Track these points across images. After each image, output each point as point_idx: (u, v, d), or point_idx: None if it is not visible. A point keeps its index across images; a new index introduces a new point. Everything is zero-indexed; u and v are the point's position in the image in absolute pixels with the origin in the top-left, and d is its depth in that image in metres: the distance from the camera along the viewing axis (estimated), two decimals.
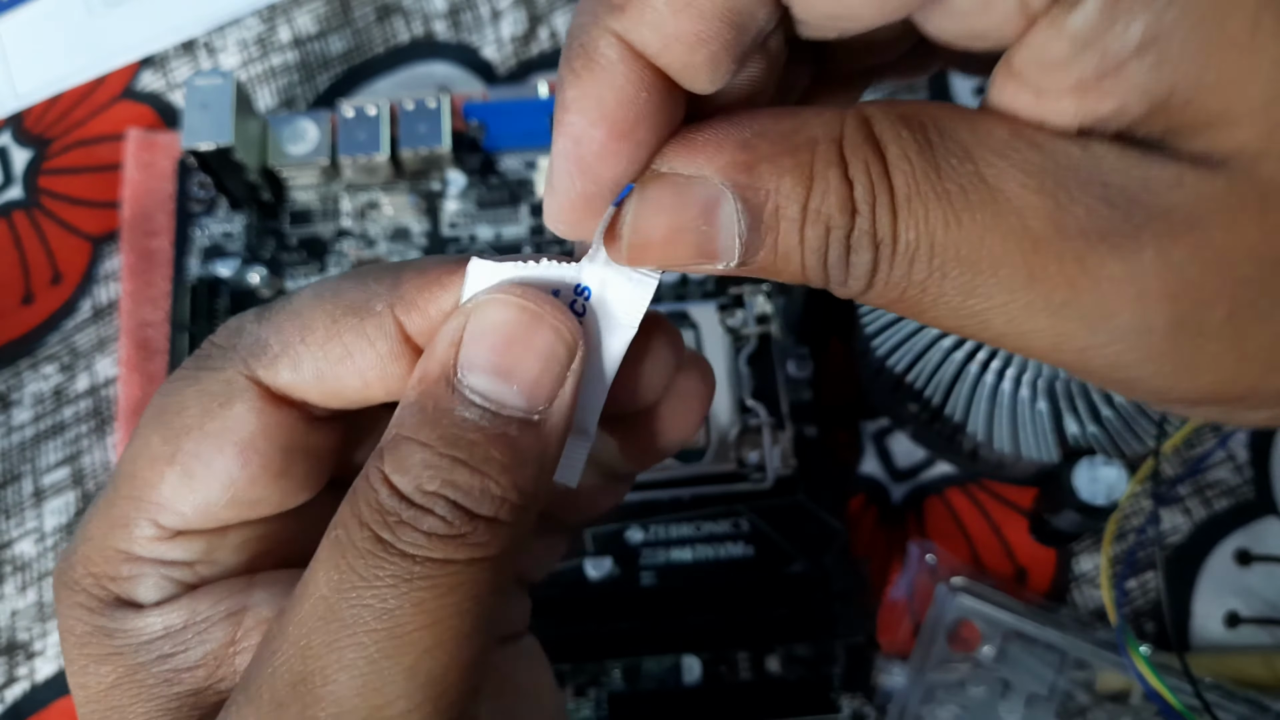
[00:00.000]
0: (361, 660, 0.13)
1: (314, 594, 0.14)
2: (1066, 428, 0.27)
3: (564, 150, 0.14)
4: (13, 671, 0.30)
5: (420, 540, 0.14)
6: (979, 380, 0.28)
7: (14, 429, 0.33)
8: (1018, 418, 0.28)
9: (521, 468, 0.14)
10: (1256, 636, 0.30)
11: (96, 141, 0.36)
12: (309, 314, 0.15)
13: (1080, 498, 0.26)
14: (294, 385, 0.15)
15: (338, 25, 0.37)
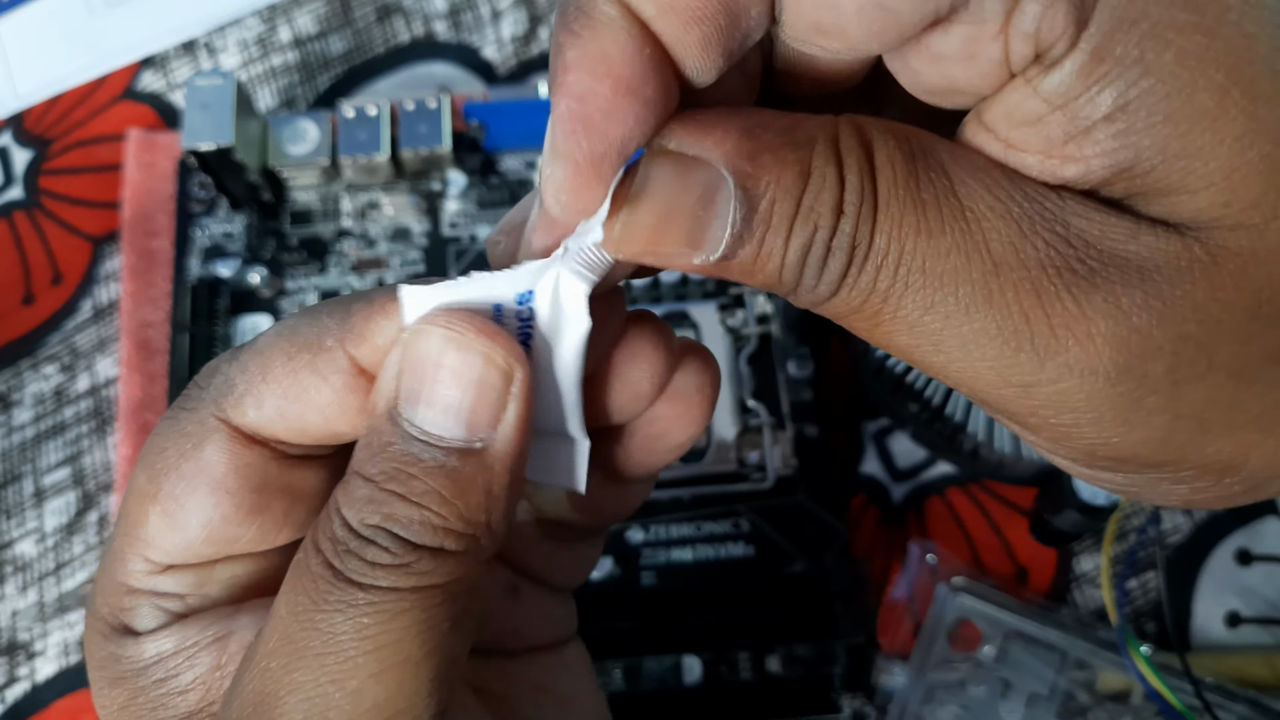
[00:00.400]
0: (309, 683, 0.14)
1: (275, 616, 0.14)
2: None
3: (567, 111, 0.13)
4: (13, 671, 0.30)
5: (364, 569, 0.14)
6: None
7: (14, 429, 0.33)
8: None
9: (466, 496, 0.14)
10: (1257, 636, 0.30)
11: (97, 142, 0.36)
12: (269, 352, 0.15)
13: (1080, 497, 0.26)
14: (260, 424, 0.15)
15: (338, 25, 0.37)
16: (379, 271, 0.33)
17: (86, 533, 0.32)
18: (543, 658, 0.19)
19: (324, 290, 0.33)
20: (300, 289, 0.33)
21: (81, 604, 0.31)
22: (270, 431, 0.15)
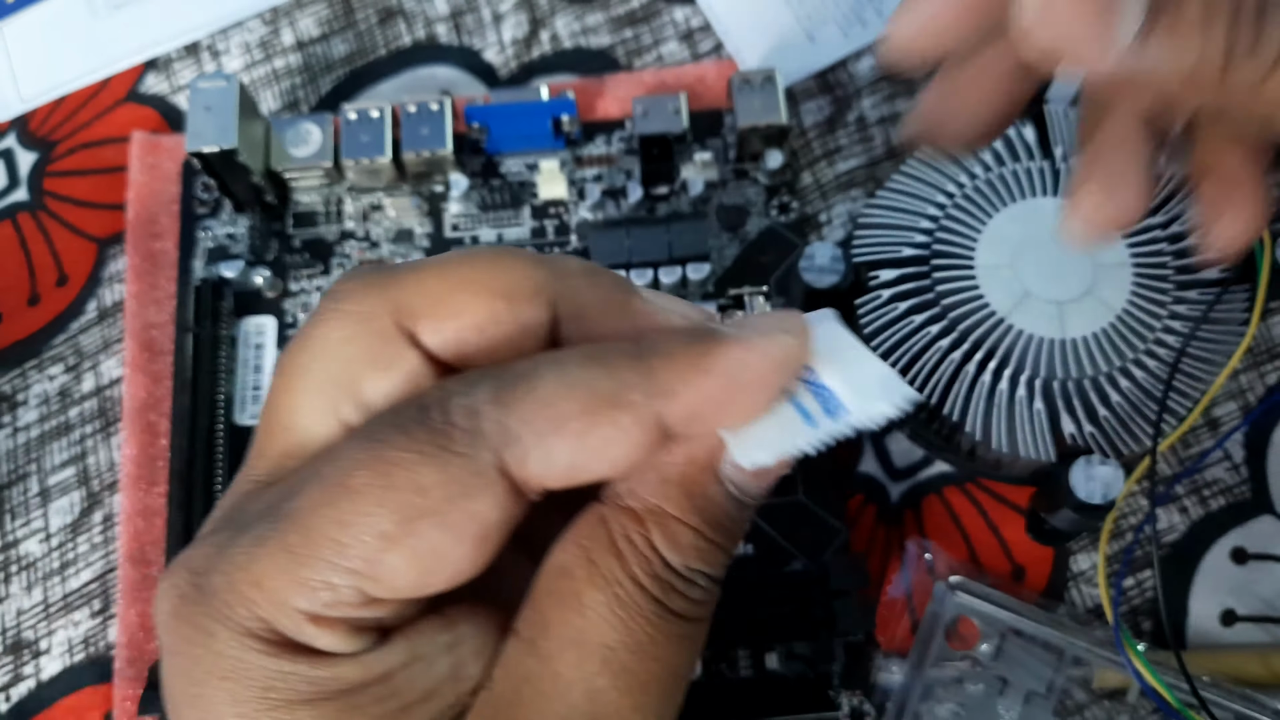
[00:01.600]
0: (651, 712, 0.16)
1: (594, 642, 0.15)
2: (1064, 427, 0.27)
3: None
4: (18, 670, 0.31)
5: (689, 606, 0.16)
6: (976, 380, 0.27)
7: (20, 429, 0.33)
8: (1015, 417, 0.27)
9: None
10: (1252, 634, 0.30)
11: (101, 144, 0.36)
12: (561, 404, 0.15)
13: (1077, 496, 0.26)
14: (542, 477, 0.15)
15: (340, 28, 0.38)
16: None
17: (91, 532, 0.32)
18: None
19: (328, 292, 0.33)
20: (304, 290, 0.33)
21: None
22: (545, 483, 0.15)
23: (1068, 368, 0.28)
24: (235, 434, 0.32)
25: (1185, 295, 0.28)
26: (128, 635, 0.30)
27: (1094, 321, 0.28)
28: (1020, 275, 0.28)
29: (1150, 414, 0.27)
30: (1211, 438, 0.31)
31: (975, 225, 0.29)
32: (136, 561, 0.31)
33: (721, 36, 0.36)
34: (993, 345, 0.28)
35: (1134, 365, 0.28)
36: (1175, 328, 0.28)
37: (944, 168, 0.30)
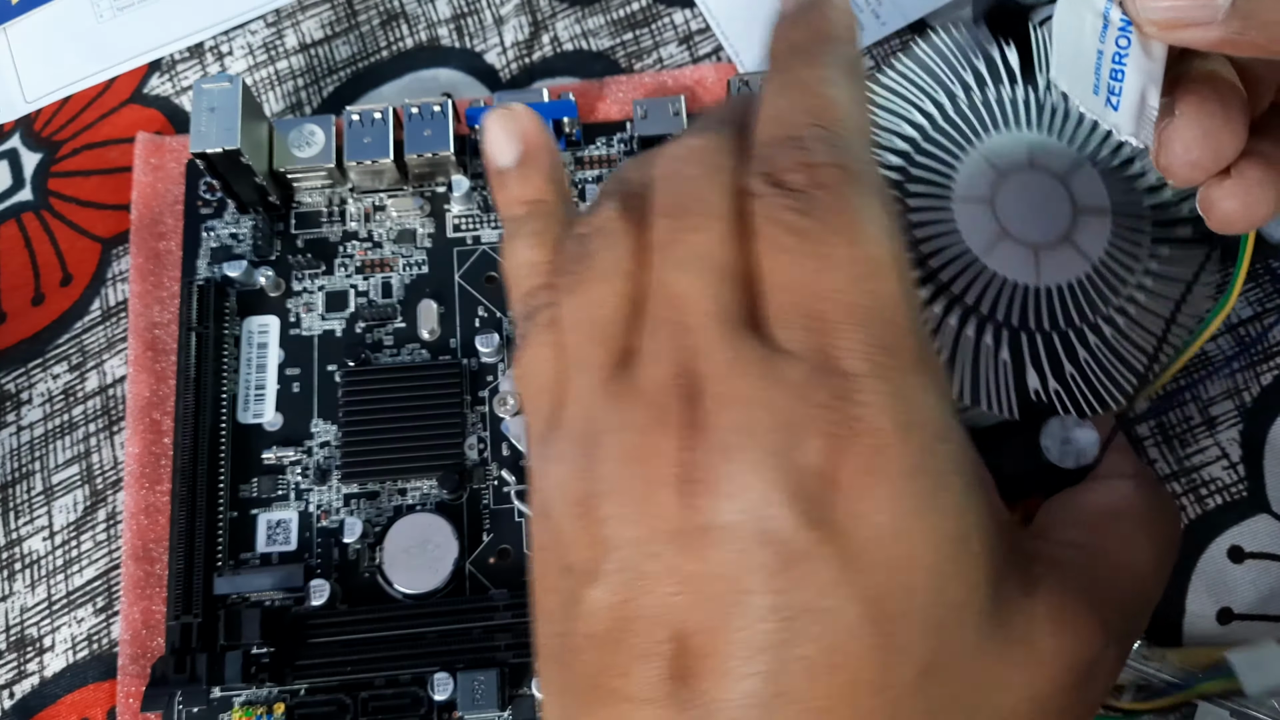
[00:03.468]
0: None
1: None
2: (1029, 382, 0.26)
3: None
4: (23, 666, 0.31)
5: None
6: (943, 322, 0.26)
7: (24, 428, 0.33)
8: (980, 366, 0.26)
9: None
10: (1249, 632, 0.30)
11: (105, 145, 0.36)
12: None
13: (1048, 458, 0.25)
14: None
15: (343, 31, 0.38)
16: (385, 273, 0.34)
17: (95, 529, 0.32)
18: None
19: (330, 291, 0.33)
20: (307, 290, 0.33)
21: None
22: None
23: (1040, 318, 0.26)
24: (238, 432, 0.32)
25: (1159, 251, 0.27)
26: (131, 632, 0.30)
27: (1069, 270, 0.27)
28: (999, 213, 0.27)
29: (1118, 374, 0.26)
30: (1209, 437, 0.32)
31: (955, 153, 0.27)
32: (140, 559, 0.31)
33: (721, 39, 0.37)
34: (964, 286, 0.26)
35: (1104, 322, 0.26)
36: (1149, 285, 0.27)
37: (925, 82, 0.28)
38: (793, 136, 0.18)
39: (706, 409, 0.17)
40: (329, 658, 0.29)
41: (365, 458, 0.31)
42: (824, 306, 0.17)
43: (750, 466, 0.16)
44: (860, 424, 0.16)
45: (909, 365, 0.17)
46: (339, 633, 0.29)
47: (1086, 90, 0.20)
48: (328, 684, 0.29)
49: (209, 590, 0.30)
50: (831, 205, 0.17)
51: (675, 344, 0.18)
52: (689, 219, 0.18)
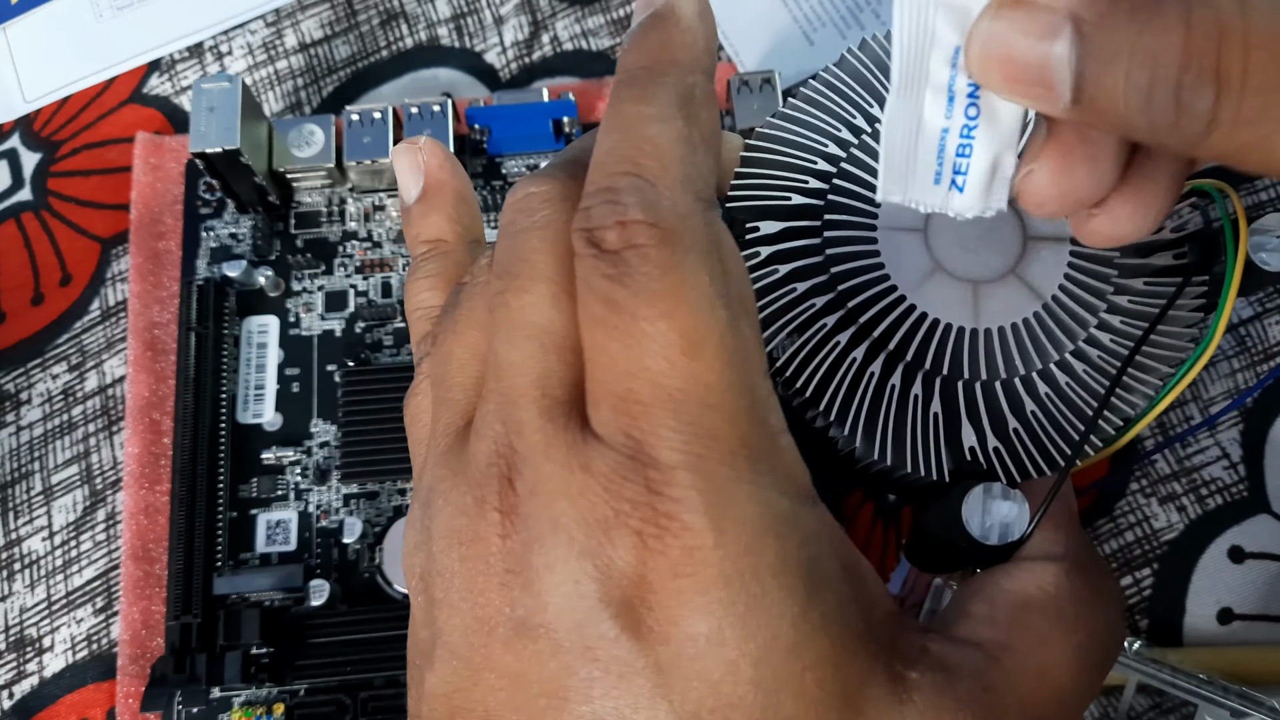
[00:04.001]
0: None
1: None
2: (963, 439, 0.22)
3: None
4: (22, 666, 0.31)
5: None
6: (864, 369, 0.22)
7: (24, 428, 0.33)
8: (906, 421, 0.22)
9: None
10: (1249, 633, 0.30)
11: (105, 144, 0.36)
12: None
13: (969, 530, 0.21)
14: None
15: (343, 30, 0.38)
16: (384, 273, 0.33)
17: (94, 530, 0.32)
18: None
19: (330, 291, 0.33)
20: (306, 290, 0.33)
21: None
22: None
23: (977, 365, 0.22)
24: (238, 432, 0.32)
25: (1129, 284, 0.23)
26: (130, 632, 0.30)
27: (1015, 309, 0.23)
28: (932, 243, 0.23)
29: (1071, 431, 0.22)
30: (1209, 434, 0.32)
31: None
32: (139, 559, 0.31)
33: (720, 39, 0.37)
34: (888, 329, 0.22)
35: (1057, 368, 0.22)
36: (1113, 324, 0.23)
37: (855, 92, 0.24)
38: (609, 188, 0.17)
39: (519, 495, 0.16)
40: (329, 658, 0.29)
41: (365, 458, 0.31)
42: (636, 388, 0.16)
43: (560, 563, 0.15)
44: (672, 522, 0.15)
45: (730, 455, 0.15)
46: (339, 633, 0.29)
47: (925, 185, 0.18)
48: (327, 684, 0.29)
49: (208, 590, 0.30)
50: (646, 271, 0.16)
51: (500, 418, 0.17)
52: (515, 281, 0.17)
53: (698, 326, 0.16)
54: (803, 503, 0.16)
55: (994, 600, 0.19)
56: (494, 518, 0.16)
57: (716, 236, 0.17)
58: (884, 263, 0.23)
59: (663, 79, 0.18)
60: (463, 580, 0.17)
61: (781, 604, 0.15)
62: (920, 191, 0.18)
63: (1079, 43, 0.15)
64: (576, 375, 0.17)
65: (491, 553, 0.16)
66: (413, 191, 0.23)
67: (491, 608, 0.16)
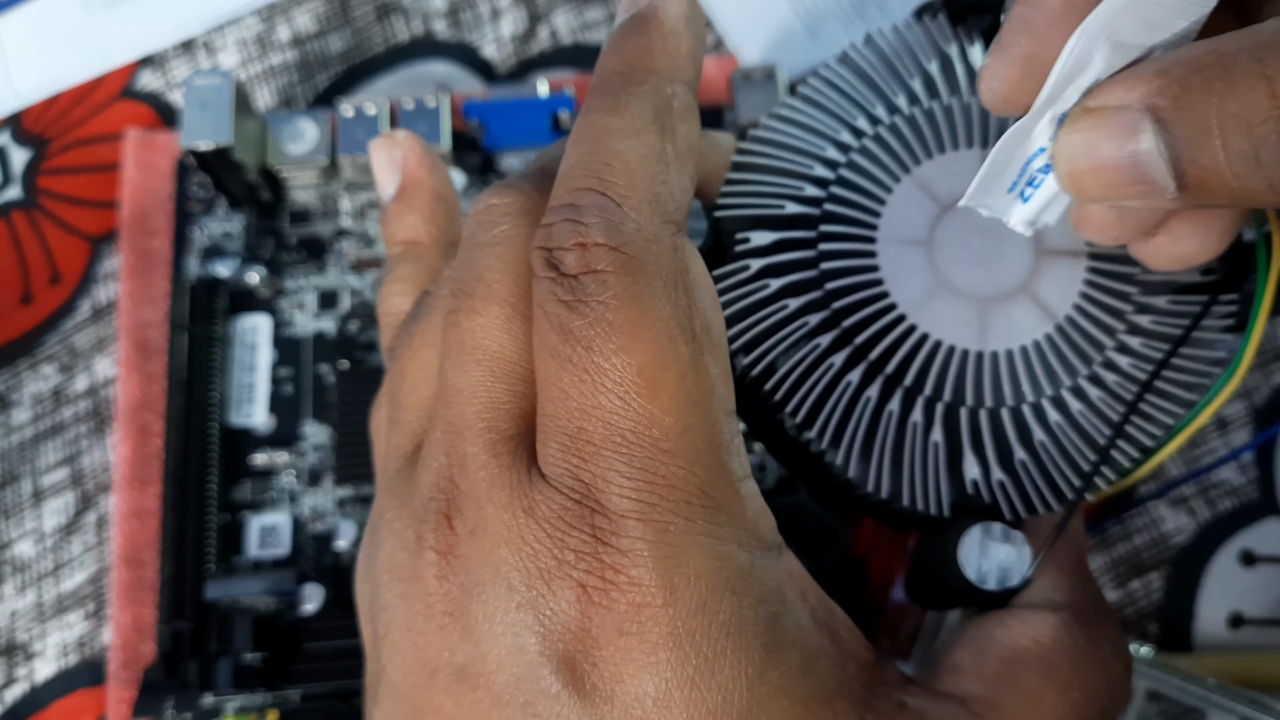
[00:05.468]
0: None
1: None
2: (965, 470, 0.20)
3: (1021, 15, 0.16)
4: (12, 672, 0.30)
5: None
6: (860, 394, 0.21)
7: (13, 429, 0.33)
8: (905, 449, 0.20)
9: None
10: (1260, 637, 0.29)
11: (95, 141, 0.36)
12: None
13: (964, 574, 0.20)
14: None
15: (337, 24, 0.37)
16: (378, 271, 0.33)
17: (85, 533, 0.32)
18: None
19: (323, 290, 0.33)
20: (299, 288, 0.33)
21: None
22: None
23: (982, 391, 0.21)
24: (229, 435, 0.31)
25: (1152, 303, 0.21)
26: (122, 638, 0.30)
27: (1025, 330, 0.21)
28: (937, 258, 0.21)
29: (1083, 464, 0.20)
30: (1220, 439, 0.31)
31: (884, 182, 0.22)
32: (130, 563, 0.30)
33: (721, 32, 0.36)
34: (886, 350, 0.21)
35: (1071, 394, 0.21)
36: (1133, 346, 0.21)
37: (857, 92, 0.22)
38: (572, 204, 0.16)
39: (458, 535, 0.15)
40: (322, 663, 0.29)
41: (360, 460, 0.30)
42: (588, 427, 0.15)
43: (499, 614, 0.15)
44: (618, 576, 0.14)
45: (686, 505, 0.14)
46: (332, 638, 0.29)
47: (1001, 191, 0.18)
48: (321, 690, 0.29)
49: (200, 595, 0.29)
50: (604, 300, 0.15)
51: (444, 449, 0.16)
52: (468, 301, 0.16)
53: (656, 363, 0.15)
54: (765, 554, 0.16)
55: (983, 651, 0.18)
56: (431, 557, 0.15)
57: (683, 263, 0.16)
58: (883, 279, 0.21)
59: (638, 88, 0.17)
60: (403, 619, 0.16)
61: (735, 666, 0.14)
62: (995, 198, 0.18)
63: (1164, 131, 0.14)
64: (527, 406, 0.16)
65: (430, 593, 0.15)
66: (389, 189, 0.22)
67: (431, 649, 0.15)
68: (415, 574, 0.16)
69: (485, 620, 0.15)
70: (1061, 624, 0.18)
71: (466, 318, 0.16)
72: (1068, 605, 0.19)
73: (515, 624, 0.14)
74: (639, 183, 0.16)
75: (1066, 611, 0.18)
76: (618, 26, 0.18)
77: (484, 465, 0.15)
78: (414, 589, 0.16)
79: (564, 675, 0.14)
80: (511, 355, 0.16)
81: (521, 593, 0.14)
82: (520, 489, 0.15)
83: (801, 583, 0.16)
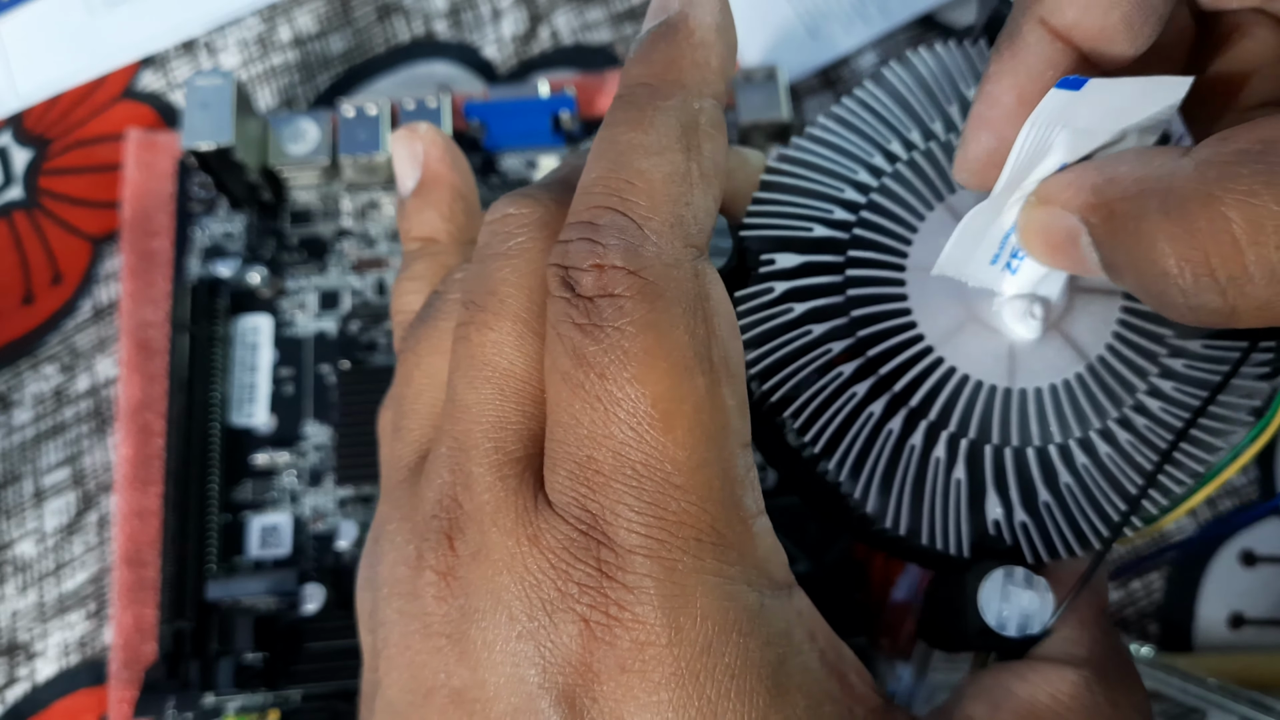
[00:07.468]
0: None
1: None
2: (988, 510, 0.20)
3: (980, 112, 0.17)
4: (13, 672, 0.30)
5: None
6: (882, 426, 0.20)
7: (14, 429, 0.33)
8: (925, 486, 0.20)
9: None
10: (1260, 637, 0.29)
11: (97, 141, 0.36)
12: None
13: (983, 619, 0.19)
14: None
15: (338, 25, 0.37)
16: (379, 271, 0.33)
17: (87, 533, 0.32)
18: None
19: (324, 290, 0.33)
20: (300, 289, 0.33)
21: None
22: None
23: (1008, 429, 0.20)
24: (230, 434, 0.31)
25: (1186, 346, 0.20)
26: (123, 637, 0.30)
27: (1055, 369, 0.20)
28: (967, 290, 0.20)
29: (1109, 509, 0.20)
30: (1222, 439, 0.31)
31: (917, 208, 0.21)
32: (132, 563, 0.30)
33: None
34: (911, 383, 0.20)
35: (1099, 436, 0.20)
36: (1164, 390, 0.20)
37: (892, 115, 0.22)
38: (590, 223, 0.15)
39: (459, 557, 0.15)
40: (323, 663, 0.29)
41: (361, 460, 0.30)
42: (598, 456, 0.14)
43: (500, 642, 0.14)
44: (623, 613, 0.14)
45: (695, 542, 0.14)
46: (333, 638, 0.29)
47: (981, 264, 0.19)
48: (322, 690, 0.29)
49: (201, 595, 0.29)
50: (620, 327, 0.14)
51: (450, 465, 0.15)
52: (480, 314, 0.16)
53: (672, 395, 0.14)
54: (775, 594, 0.15)
55: (999, 704, 0.17)
56: (430, 577, 0.15)
57: (704, 289, 0.15)
58: (911, 308, 0.20)
59: (664, 102, 0.16)
60: (400, 635, 0.16)
61: (739, 710, 0.14)
62: (975, 270, 0.19)
63: (1097, 245, 0.16)
64: (536, 426, 0.15)
65: (429, 613, 0.15)
66: (409, 183, 0.22)
67: (428, 670, 0.15)
68: (414, 592, 0.15)
69: (484, 647, 0.15)
70: (1082, 681, 0.17)
71: (478, 332, 0.16)
72: (1089, 661, 0.18)
73: (515, 654, 0.14)
74: (661, 204, 0.15)
75: (1088, 668, 0.18)
76: (646, 33, 0.18)
77: (489, 487, 0.15)
78: (413, 607, 0.15)
79: (563, 708, 0.14)
80: (522, 373, 0.16)
81: (523, 623, 0.14)
82: (525, 515, 0.15)
83: (811, 623, 0.16)
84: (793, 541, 0.30)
